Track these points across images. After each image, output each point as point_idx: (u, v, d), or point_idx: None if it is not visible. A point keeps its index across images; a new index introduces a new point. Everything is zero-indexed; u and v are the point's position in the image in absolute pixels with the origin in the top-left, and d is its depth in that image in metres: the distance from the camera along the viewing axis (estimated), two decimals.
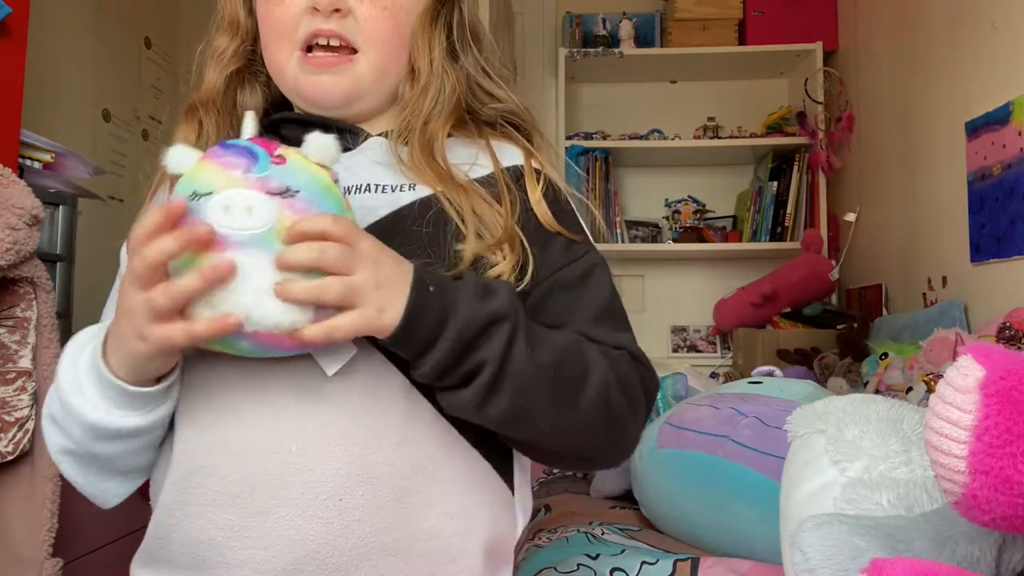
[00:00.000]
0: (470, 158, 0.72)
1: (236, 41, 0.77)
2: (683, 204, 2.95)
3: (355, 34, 0.71)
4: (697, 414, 1.28)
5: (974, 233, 1.77)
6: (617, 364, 0.68)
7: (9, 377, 0.92)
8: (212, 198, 0.54)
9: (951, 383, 0.57)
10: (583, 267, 0.72)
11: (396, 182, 0.71)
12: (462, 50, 0.77)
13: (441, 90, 0.74)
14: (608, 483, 1.52)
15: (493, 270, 0.66)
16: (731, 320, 2.67)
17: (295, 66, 0.72)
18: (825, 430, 0.91)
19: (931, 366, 1.47)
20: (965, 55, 1.84)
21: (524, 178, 0.72)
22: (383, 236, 0.63)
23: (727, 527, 1.16)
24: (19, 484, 0.94)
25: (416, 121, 0.73)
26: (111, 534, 1.51)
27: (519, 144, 0.76)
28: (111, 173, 2.50)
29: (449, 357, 0.60)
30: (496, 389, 0.61)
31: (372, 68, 0.73)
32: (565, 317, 0.69)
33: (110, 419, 0.61)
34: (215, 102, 0.76)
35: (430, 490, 0.65)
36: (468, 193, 0.69)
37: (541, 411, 0.64)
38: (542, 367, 0.63)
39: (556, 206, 0.73)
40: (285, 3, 0.71)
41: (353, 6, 0.71)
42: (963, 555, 0.66)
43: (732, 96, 2.96)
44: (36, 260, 0.93)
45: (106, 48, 2.50)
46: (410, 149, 0.71)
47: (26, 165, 1.34)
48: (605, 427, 0.67)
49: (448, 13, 0.77)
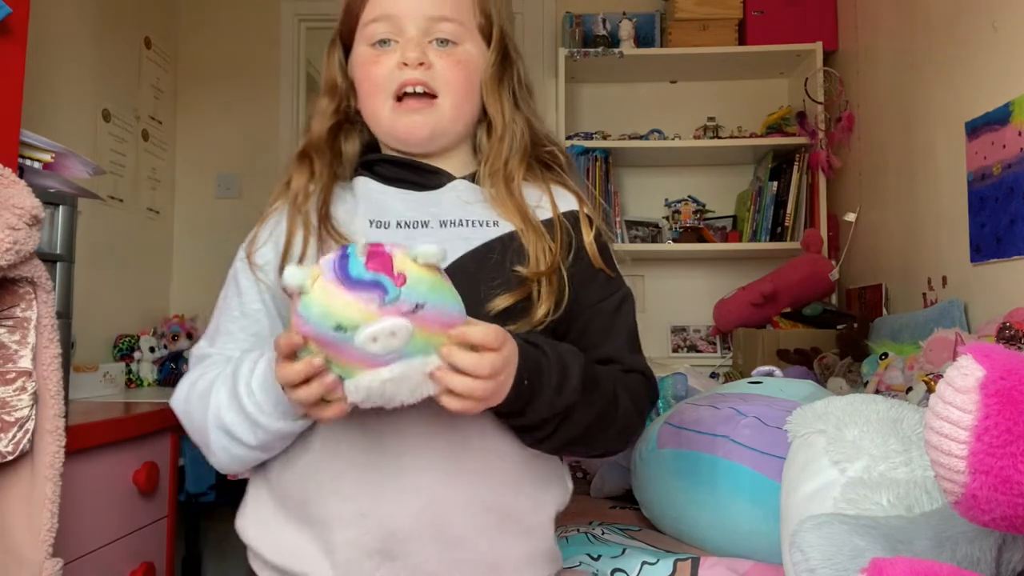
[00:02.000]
0: (536, 199, 0.92)
1: (335, 101, 0.97)
2: (683, 204, 2.94)
3: (436, 82, 0.90)
4: (697, 414, 1.28)
5: (974, 233, 1.77)
6: (635, 389, 0.90)
7: (9, 377, 0.92)
8: (359, 332, 0.66)
9: (951, 383, 0.57)
10: (617, 300, 0.94)
11: (484, 218, 0.90)
12: (522, 101, 0.97)
13: (514, 136, 0.94)
14: (608, 483, 1.52)
15: (539, 312, 0.85)
16: (731, 320, 2.67)
17: (389, 111, 0.91)
18: (825, 430, 0.91)
19: (931, 366, 1.47)
20: (965, 55, 1.84)
21: (580, 223, 0.92)
22: (476, 260, 0.86)
23: (727, 527, 1.16)
24: (19, 484, 0.94)
25: (499, 163, 0.92)
26: (111, 534, 1.51)
27: (572, 192, 0.96)
28: (111, 173, 2.50)
29: (529, 424, 0.82)
30: (553, 437, 0.84)
31: (450, 108, 0.91)
32: (600, 340, 0.91)
33: (284, 425, 0.81)
34: (321, 148, 0.95)
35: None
36: (536, 229, 0.88)
37: (578, 443, 0.87)
38: (585, 423, 0.84)
39: (601, 246, 0.93)
40: (380, 63, 0.91)
41: (434, 60, 0.90)
42: (963, 555, 0.66)
43: (732, 96, 2.96)
44: (36, 260, 0.93)
45: (106, 48, 2.50)
46: (495, 186, 0.91)
47: (26, 165, 1.34)
48: (619, 438, 0.91)
49: (510, 72, 0.96)
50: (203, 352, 0.94)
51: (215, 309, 0.96)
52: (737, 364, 2.59)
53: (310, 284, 0.67)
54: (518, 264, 0.86)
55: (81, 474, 1.36)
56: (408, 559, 0.81)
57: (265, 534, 0.87)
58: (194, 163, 2.98)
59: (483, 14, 0.95)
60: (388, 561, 0.81)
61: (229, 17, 3.02)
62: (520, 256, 0.87)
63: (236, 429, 0.82)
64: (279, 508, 0.87)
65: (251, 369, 0.82)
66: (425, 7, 0.91)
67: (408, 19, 0.91)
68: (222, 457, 0.86)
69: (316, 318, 0.66)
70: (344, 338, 0.66)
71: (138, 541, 1.57)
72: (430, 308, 0.68)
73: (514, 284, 0.85)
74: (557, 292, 0.86)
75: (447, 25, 0.91)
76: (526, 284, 0.86)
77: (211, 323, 0.96)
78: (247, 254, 0.93)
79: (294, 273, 0.67)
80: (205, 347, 0.94)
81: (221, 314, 0.95)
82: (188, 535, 2.58)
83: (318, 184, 0.93)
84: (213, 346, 0.93)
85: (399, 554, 0.81)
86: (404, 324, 0.66)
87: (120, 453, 1.53)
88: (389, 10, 0.91)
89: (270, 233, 0.93)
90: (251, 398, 0.81)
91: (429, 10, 0.91)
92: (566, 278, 0.87)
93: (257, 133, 2.99)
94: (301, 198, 0.92)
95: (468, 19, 0.93)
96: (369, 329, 0.66)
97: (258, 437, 0.82)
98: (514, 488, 0.87)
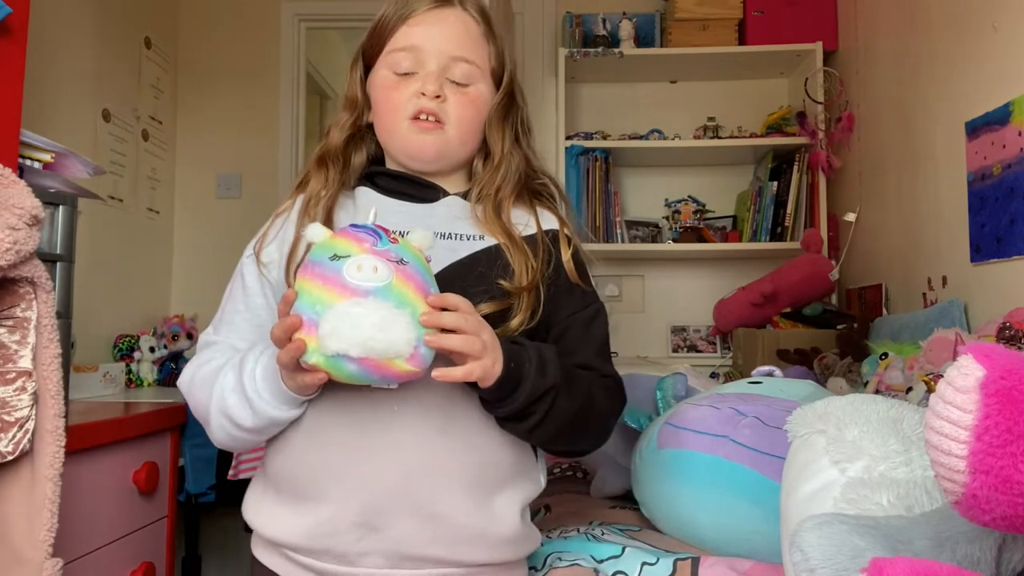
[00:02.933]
0: (522, 219, 1.02)
1: (354, 115, 1.07)
2: (683, 204, 2.94)
3: (447, 115, 1.01)
4: (697, 414, 1.28)
5: (974, 233, 1.77)
6: (609, 391, 1.00)
7: (9, 377, 0.92)
8: (348, 259, 0.77)
9: (951, 383, 0.57)
10: (592, 312, 1.03)
11: (471, 232, 1.00)
12: (522, 137, 1.08)
13: (509, 167, 1.04)
14: (608, 483, 1.52)
15: (515, 320, 0.94)
16: (731, 320, 2.67)
17: (406, 128, 1.01)
18: (825, 430, 0.91)
19: (931, 366, 1.47)
20: (965, 55, 1.84)
21: (559, 241, 1.03)
22: (462, 271, 0.95)
23: (727, 527, 1.16)
24: (19, 484, 0.94)
25: (490, 189, 1.03)
26: (111, 534, 1.51)
27: (555, 214, 1.07)
28: (111, 173, 2.50)
29: (517, 410, 0.89)
30: (541, 426, 0.91)
31: (456, 138, 1.02)
32: (576, 347, 0.99)
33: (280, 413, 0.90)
34: (336, 157, 1.05)
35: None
36: (519, 247, 0.97)
37: (562, 436, 0.96)
38: (568, 413, 0.93)
39: (578, 264, 1.03)
40: (400, 90, 1.01)
41: (448, 95, 1.01)
42: (963, 555, 0.66)
43: (732, 96, 2.96)
44: (36, 260, 0.93)
45: (106, 48, 2.50)
46: (484, 209, 1.01)
47: (26, 165, 1.34)
48: (596, 436, 1.01)
49: (514, 111, 1.08)
50: (209, 339, 1.04)
51: (223, 297, 1.05)
52: (737, 364, 2.59)
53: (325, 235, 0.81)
54: (502, 278, 0.95)
55: (81, 474, 1.36)
56: (388, 532, 0.89)
57: (262, 513, 0.96)
58: (194, 163, 2.98)
59: (497, 59, 1.06)
60: (370, 533, 0.89)
61: (229, 17, 3.02)
62: (504, 270, 0.96)
63: (235, 411, 0.92)
64: (274, 490, 0.95)
65: (256, 359, 0.92)
66: (449, 47, 1.02)
67: (431, 55, 1.01)
68: (220, 436, 0.96)
69: (319, 252, 0.79)
70: (335, 267, 0.77)
71: (138, 541, 1.57)
72: (411, 268, 0.79)
73: (497, 295, 0.95)
74: (533, 304, 0.96)
75: (464, 66, 1.02)
76: (508, 296, 0.95)
77: (218, 311, 1.05)
78: (255, 251, 1.03)
79: (315, 227, 0.82)
80: (211, 334, 1.04)
81: (226, 304, 1.05)
82: (188, 535, 2.58)
83: (328, 191, 1.03)
84: (218, 334, 1.03)
85: (379, 526, 0.89)
86: (386, 266, 0.78)
87: (120, 453, 1.53)
88: (417, 44, 1.02)
89: (277, 233, 1.03)
90: (252, 384, 0.90)
91: (452, 50, 1.02)
92: (543, 293, 0.97)
93: (257, 133, 2.99)
94: (313, 202, 1.02)
95: (483, 62, 1.04)
96: (356, 259, 0.77)
97: (254, 421, 0.91)
98: (491, 469, 0.94)
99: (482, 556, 0.93)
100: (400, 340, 0.76)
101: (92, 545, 1.42)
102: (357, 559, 0.90)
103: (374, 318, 0.75)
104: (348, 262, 0.76)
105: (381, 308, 0.75)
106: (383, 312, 0.76)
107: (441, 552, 0.91)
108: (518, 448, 0.97)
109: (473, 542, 0.92)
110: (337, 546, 0.90)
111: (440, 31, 1.02)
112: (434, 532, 0.90)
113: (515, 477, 0.97)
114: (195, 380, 0.98)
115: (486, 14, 1.07)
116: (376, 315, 0.75)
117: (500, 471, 0.95)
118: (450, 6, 1.04)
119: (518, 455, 0.98)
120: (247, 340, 0.99)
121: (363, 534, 0.89)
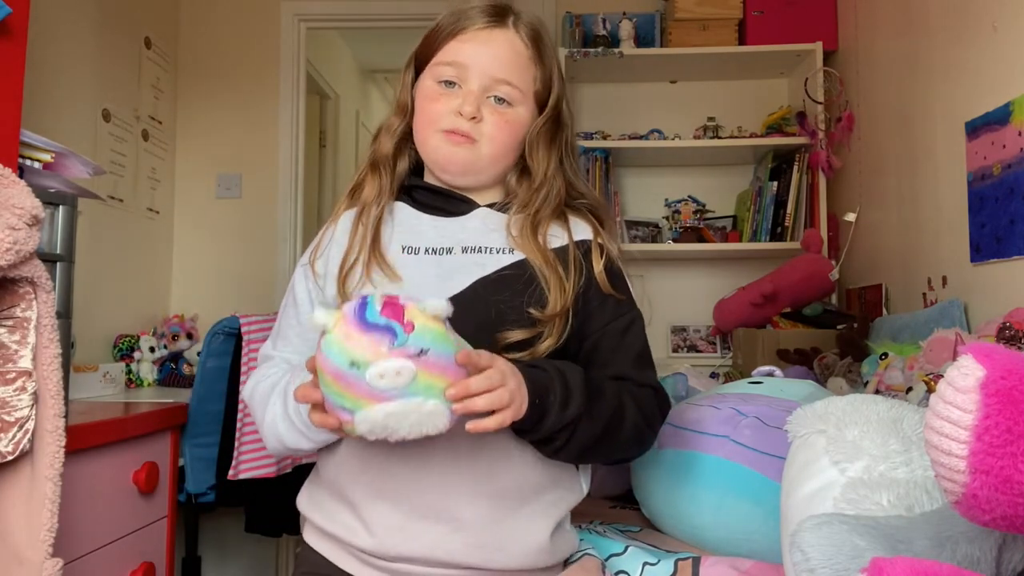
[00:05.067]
0: (555, 231, 1.03)
1: (404, 121, 1.09)
2: (683, 204, 2.94)
3: (479, 135, 1.02)
4: (697, 414, 1.28)
5: (974, 233, 1.77)
6: (643, 401, 0.98)
7: (9, 377, 0.92)
8: (369, 368, 0.75)
9: (952, 383, 0.57)
10: (626, 321, 1.02)
11: (500, 245, 1.01)
12: (566, 160, 1.09)
13: (551, 191, 1.04)
14: (608, 483, 1.52)
15: (543, 345, 0.96)
16: (731, 320, 2.67)
17: (439, 139, 1.02)
18: (825, 430, 0.91)
19: (931, 366, 1.47)
20: (965, 55, 1.84)
21: (591, 252, 1.02)
22: (489, 287, 0.97)
23: (727, 527, 1.16)
24: (19, 484, 0.94)
25: (530, 209, 1.03)
26: (111, 534, 1.51)
27: (590, 223, 1.06)
28: (111, 173, 2.50)
29: (542, 438, 0.93)
30: (564, 449, 0.94)
31: (488, 155, 1.03)
32: (610, 358, 1.00)
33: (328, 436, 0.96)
34: (387, 163, 1.07)
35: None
36: (553, 268, 0.98)
37: (587, 455, 0.98)
38: (592, 435, 0.93)
39: (612, 273, 1.03)
40: (440, 102, 1.02)
41: (486, 115, 1.02)
42: (963, 555, 0.66)
43: (732, 96, 2.96)
44: (36, 260, 0.93)
45: (106, 48, 2.50)
46: (521, 227, 1.01)
47: (26, 165, 1.34)
48: (631, 447, 1.00)
49: (561, 135, 1.09)
50: (267, 353, 1.08)
51: (279, 310, 1.10)
52: (737, 364, 2.59)
53: (333, 325, 0.77)
54: (533, 302, 0.97)
55: (81, 474, 1.36)
56: (423, 539, 0.94)
57: (315, 507, 1.03)
58: (194, 163, 2.98)
59: (543, 83, 1.07)
60: (410, 540, 0.95)
61: (229, 17, 3.02)
62: (536, 293, 0.97)
63: (289, 439, 0.98)
64: (325, 487, 1.02)
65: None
66: (493, 68, 1.02)
67: (475, 74, 1.02)
68: (272, 450, 1.02)
69: (335, 355, 0.77)
70: (356, 374, 0.76)
71: (138, 541, 1.57)
72: (432, 354, 0.77)
73: (527, 323, 0.96)
74: (562, 328, 0.97)
75: (506, 87, 1.03)
76: (539, 324, 0.96)
77: (275, 325, 1.10)
78: (310, 261, 1.06)
79: (321, 315, 0.78)
80: (269, 348, 1.08)
81: (281, 319, 1.09)
82: (188, 535, 2.57)
83: (381, 201, 1.06)
84: (275, 348, 1.07)
85: (417, 534, 0.94)
86: (409, 365, 0.76)
87: (120, 453, 1.53)
88: (462, 60, 1.02)
89: (329, 242, 1.06)
90: (299, 417, 0.95)
91: (496, 72, 1.02)
92: (571, 313, 0.98)
93: (257, 133, 2.99)
94: (367, 211, 1.05)
95: (526, 86, 1.05)
96: (378, 367, 0.75)
97: (310, 445, 0.98)
98: (524, 480, 0.97)
99: (514, 563, 0.97)
100: (433, 423, 0.79)
101: (92, 545, 1.42)
102: (396, 559, 0.96)
103: (410, 419, 0.78)
104: (370, 371, 0.76)
105: (410, 405, 0.77)
106: (413, 407, 0.78)
107: (474, 559, 0.95)
108: (550, 462, 0.99)
109: (504, 550, 0.96)
110: (379, 547, 0.96)
111: (487, 51, 1.03)
112: (464, 540, 0.94)
113: (548, 488, 1.00)
114: (254, 396, 1.04)
115: (538, 38, 1.07)
116: (410, 417, 0.78)
117: (528, 484, 0.98)
118: (502, 27, 1.04)
119: (549, 469, 1.00)
120: (301, 353, 1.02)
121: (403, 539, 0.95)
